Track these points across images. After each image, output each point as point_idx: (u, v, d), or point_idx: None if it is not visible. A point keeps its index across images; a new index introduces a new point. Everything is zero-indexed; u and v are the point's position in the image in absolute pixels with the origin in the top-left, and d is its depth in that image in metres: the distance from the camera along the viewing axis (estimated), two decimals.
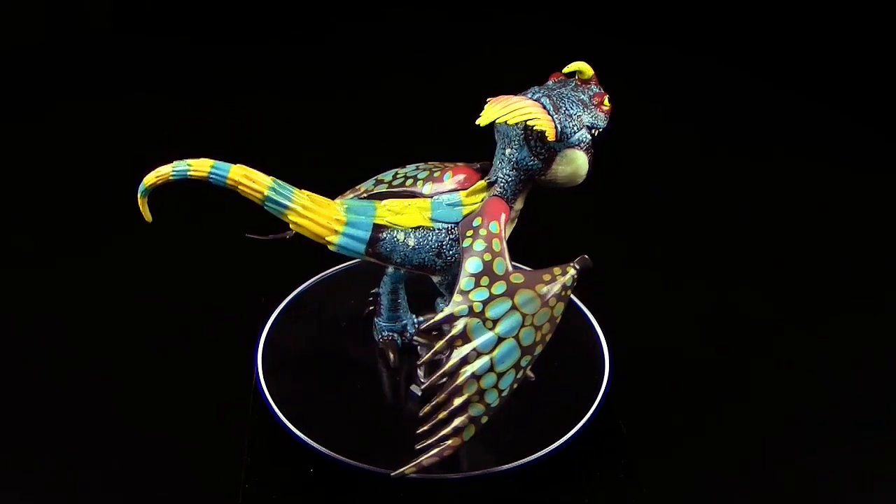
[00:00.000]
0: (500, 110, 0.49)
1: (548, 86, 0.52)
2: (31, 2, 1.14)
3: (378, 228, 0.52)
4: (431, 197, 0.52)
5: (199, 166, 0.52)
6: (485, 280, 0.49)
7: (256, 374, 0.58)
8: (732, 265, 0.80)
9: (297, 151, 0.93)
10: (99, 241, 0.77)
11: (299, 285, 0.66)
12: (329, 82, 1.05)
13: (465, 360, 0.48)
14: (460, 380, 0.48)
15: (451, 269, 0.52)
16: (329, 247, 0.52)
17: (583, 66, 0.52)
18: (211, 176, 0.52)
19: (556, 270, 0.50)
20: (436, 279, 0.54)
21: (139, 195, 0.53)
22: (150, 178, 0.53)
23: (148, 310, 0.70)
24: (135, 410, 0.62)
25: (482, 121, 0.49)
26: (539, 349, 0.50)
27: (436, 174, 0.53)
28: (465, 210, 0.52)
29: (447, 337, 0.48)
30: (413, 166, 0.55)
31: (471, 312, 0.48)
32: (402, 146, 0.65)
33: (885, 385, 0.68)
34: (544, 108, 0.49)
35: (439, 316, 0.49)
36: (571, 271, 0.50)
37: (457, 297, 0.49)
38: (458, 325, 0.48)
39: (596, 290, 0.65)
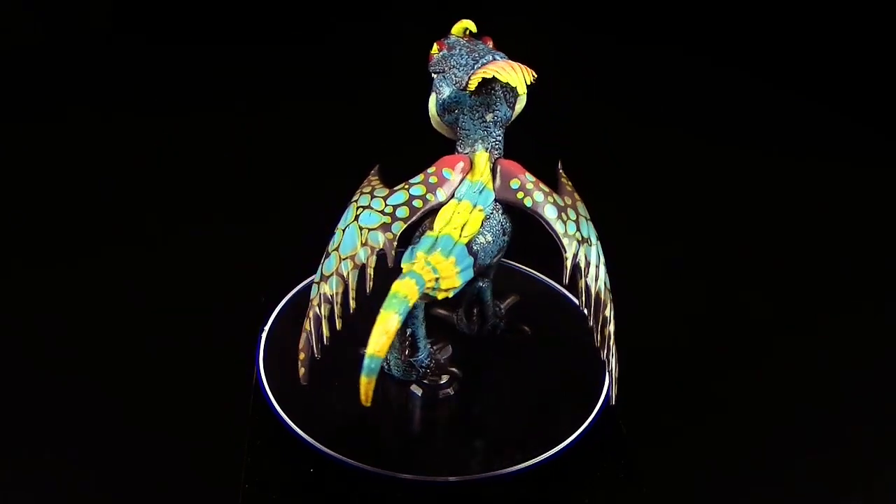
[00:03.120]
0: (521, 72, 0.51)
1: (474, 49, 0.53)
2: (31, 2, 1.14)
3: (469, 248, 0.52)
4: (453, 197, 0.53)
5: (410, 291, 0.49)
6: (563, 215, 0.53)
7: (258, 373, 0.58)
8: (732, 265, 0.80)
9: (296, 152, 0.93)
10: (99, 241, 0.77)
11: (298, 284, 0.66)
12: (327, 82, 1.05)
13: (596, 279, 0.53)
14: (604, 296, 0.54)
15: (509, 238, 0.55)
16: (450, 294, 0.52)
17: (470, 23, 0.55)
18: (420, 292, 0.49)
19: (563, 179, 0.55)
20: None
21: (370, 374, 0.48)
22: (381, 345, 0.47)
23: (148, 310, 0.70)
24: (135, 410, 0.62)
25: (523, 88, 0.51)
26: None
27: (431, 180, 0.53)
28: (488, 186, 0.53)
29: (581, 275, 0.53)
30: (368, 200, 0.53)
31: (579, 244, 0.53)
32: (399, 146, 0.65)
33: (885, 385, 0.68)
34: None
35: (569, 264, 0.52)
36: (563, 175, 0.56)
37: (564, 241, 0.52)
38: (581, 259, 0.53)
39: None
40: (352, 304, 0.51)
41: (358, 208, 0.53)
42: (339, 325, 0.52)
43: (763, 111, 1.05)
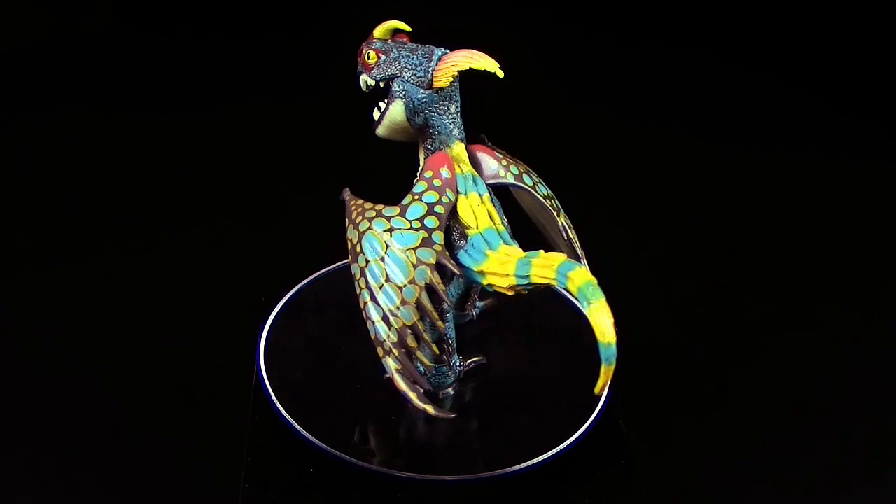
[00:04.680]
0: (490, 58, 0.51)
1: (414, 48, 0.54)
2: (31, 2, 1.14)
3: (510, 233, 0.53)
4: (460, 194, 0.53)
5: (588, 274, 0.49)
6: (533, 180, 0.56)
7: (259, 372, 0.58)
8: (731, 265, 0.80)
9: (296, 151, 0.93)
10: (99, 241, 0.77)
11: (298, 283, 0.66)
12: (328, 81, 1.05)
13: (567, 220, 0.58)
14: (574, 234, 0.58)
15: None
16: None
17: (400, 23, 0.55)
18: (578, 293, 0.49)
19: (498, 151, 0.56)
20: None
21: (611, 362, 0.48)
22: (612, 331, 0.48)
23: (148, 310, 0.70)
24: (135, 410, 0.62)
25: (500, 72, 0.51)
26: None
27: (436, 183, 0.53)
28: (474, 174, 0.53)
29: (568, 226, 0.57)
30: (385, 223, 0.51)
31: (553, 200, 0.57)
32: (398, 144, 0.65)
33: (885, 384, 0.68)
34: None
35: (560, 221, 0.56)
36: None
37: (548, 203, 0.56)
38: (561, 214, 0.57)
39: None
40: (440, 325, 0.51)
41: (383, 233, 0.51)
42: (435, 349, 0.52)
43: (762, 111, 1.05)
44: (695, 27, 1.19)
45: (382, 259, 0.50)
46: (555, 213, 0.56)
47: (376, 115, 0.55)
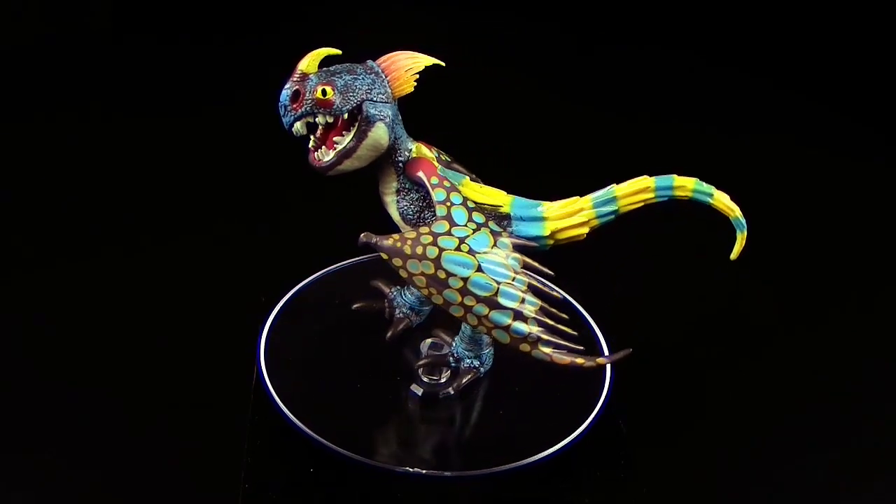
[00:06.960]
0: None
1: (350, 69, 0.53)
2: (31, 2, 1.14)
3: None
4: (460, 181, 0.54)
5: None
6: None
7: (260, 372, 0.58)
8: (730, 265, 0.80)
9: (296, 151, 0.93)
10: (99, 241, 0.77)
11: (298, 283, 0.66)
12: None
13: None
14: None
15: None
16: None
17: (331, 49, 0.55)
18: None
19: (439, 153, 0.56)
20: None
21: (744, 230, 0.58)
22: (737, 207, 0.57)
23: (148, 310, 0.70)
24: (135, 410, 0.62)
25: (441, 62, 0.53)
26: None
27: (446, 184, 0.53)
28: (437, 162, 0.54)
29: None
30: (452, 241, 0.52)
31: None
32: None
33: (885, 384, 0.68)
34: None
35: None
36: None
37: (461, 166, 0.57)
38: None
39: (594, 291, 0.65)
40: (556, 294, 0.54)
41: (460, 247, 0.51)
42: (564, 315, 0.53)
43: (760, 109, 1.05)
44: (695, 27, 1.19)
45: (479, 269, 0.51)
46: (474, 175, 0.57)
47: (328, 154, 0.53)
